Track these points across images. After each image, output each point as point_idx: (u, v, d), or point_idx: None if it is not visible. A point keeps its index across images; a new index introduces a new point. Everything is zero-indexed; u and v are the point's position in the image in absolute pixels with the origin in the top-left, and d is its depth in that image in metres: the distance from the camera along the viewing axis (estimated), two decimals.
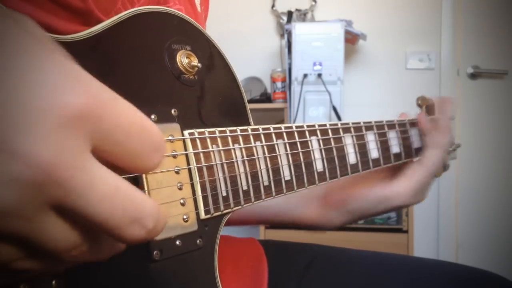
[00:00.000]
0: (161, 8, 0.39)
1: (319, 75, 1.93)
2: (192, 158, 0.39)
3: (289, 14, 2.34)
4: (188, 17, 0.41)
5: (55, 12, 0.37)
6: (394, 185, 0.61)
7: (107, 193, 0.22)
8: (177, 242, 0.38)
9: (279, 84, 2.19)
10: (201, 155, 0.40)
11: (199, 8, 0.56)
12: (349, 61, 2.31)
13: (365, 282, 0.62)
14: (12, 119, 0.19)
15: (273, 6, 2.41)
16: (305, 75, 1.94)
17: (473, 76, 2.36)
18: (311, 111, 1.95)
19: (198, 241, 0.40)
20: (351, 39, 2.12)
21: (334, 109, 1.93)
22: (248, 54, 2.37)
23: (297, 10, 2.35)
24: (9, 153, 0.19)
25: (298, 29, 1.96)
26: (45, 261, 0.23)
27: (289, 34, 2.01)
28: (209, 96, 0.43)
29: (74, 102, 0.20)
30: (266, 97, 2.26)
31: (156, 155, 0.24)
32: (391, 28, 2.34)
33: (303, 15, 2.34)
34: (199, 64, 0.41)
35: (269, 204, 0.69)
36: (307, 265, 0.65)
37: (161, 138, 0.25)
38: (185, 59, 0.40)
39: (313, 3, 2.38)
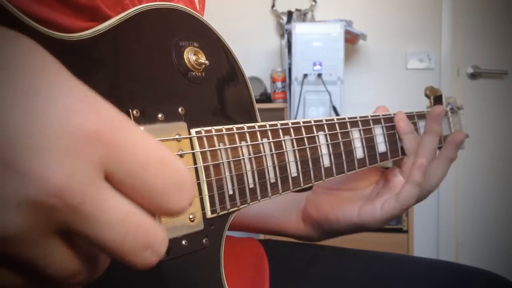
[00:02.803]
0: (169, 4, 0.39)
1: (319, 75, 1.93)
2: (199, 157, 0.39)
3: (289, 14, 2.34)
4: (197, 14, 0.41)
5: (61, 9, 0.37)
6: (364, 213, 0.60)
7: (118, 218, 0.21)
8: (183, 242, 0.38)
9: (279, 84, 2.18)
10: (208, 153, 0.40)
11: (197, 6, 0.56)
12: (349, 61, 2.31)
13: (365, 282, 0.62)
14: (25, 142, 0.19)
15: (273, 6, 2.41)
16: (305, 75, 1.94)
17: (473, 76, 2.36)
18: (311, 111, 1.95)
19: (204, 241, 0.40)
20: (351, 39, 2.12)
21: (334, 109, 1.92)
22: (248, 54, 2.37)
23: (297, 10, 2.35)
24: (21, 175, 0.19)
25: (298, 29, 1.96)
26: (42, 286, 0.23)
27: (289, 34, 2.01)
28: (217, 93, 0.43)
29: (86, 127, 0.21)
30: (266, 97, 2.26)
31: (181, 195, 0.23)
32: (391, 28, 2.34)
33: (303, 15, 2.34)
34: (206, 61, 0.41)
35: (251, 212, 0.69)
36: (307, 264, 0.65)
37: (186, 174, 0.24)
38: (192, 56, 0.40)
39: (313, 3, 2.37)
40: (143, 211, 0.23)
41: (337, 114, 1.91)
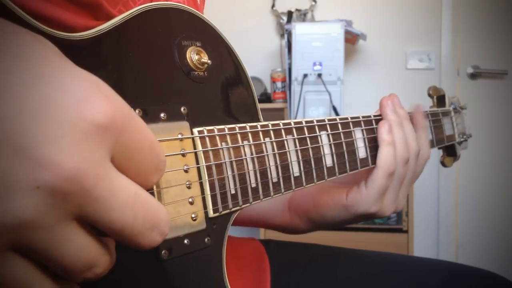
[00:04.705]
0: (171, 3, 0.39)
1: (319, 75, 1.93)
2: (201, 157, 0.39)
3: (289, 14, 2.34)
4: (199, 13, 0.41)
5: (64, 6, 0.37)
6: (352, 192, 0.57)
7: (128, 200, 0.22)
8: (185, 241, 0.38)
9: (279, 84, 2.18)
10: (210, 153, 0.40)
11: (198, 0, 0.56)
12: (349, 61, 2.31)
13: (365, 282, 0.62)
14: (39, 129, 0.20)
15: (273, 6, 2.41)
16: (305, 75, 1.94)
17: (473, 76, 2.36)
18: (311, 111, 1.95)
19: (206, 240, 0.40)
20: (351, 39, 2.12)
21: (334, 109, 1.92)
22: (248, 54, 2.37)
23: (297, 10, 2.35)
24: (35, 161, 0.19)
25: (298, 29, 1.96)
26: (56, 282, 0.23)
27: (289, 34, 2.01)
28: (219, 92, 0.43)
29: (100, 113, 0.21)
30: (266, 97, 2.26)
31: (155, 175, 0.26)
32: (391, 28, 2.34)
33: (303, 15, 2.34)
34: (209, 61, 0.41)
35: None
36: (308, 264, 0.65)
37: (164, 158, 0.26)
38: (195, 56, 0.40)
39: (313, 3, 2.38)
40: (147, 192, 0.24)
41: (337, 114, 1.91)
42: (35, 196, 0.20)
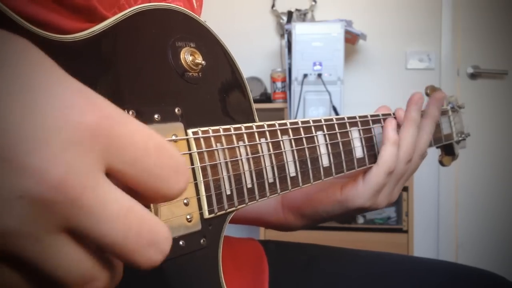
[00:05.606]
0: (165, 5, 0.39)
1: (319, 75, 1.93)
2: (196, 158, 0.39)
3: (289, 14, 2.34)
4: (193, 14, 0.41)
5: (58, 10, 0.37)
6: (347, 188, 0.57)
7: (119, 213, 0.21)
8: (181, 243, 0.38)
9: (279, 84, 2.19)
10: (205, 154, 0.40)
11: (195, 4, 0.56)
12: (349, 61, 2.31)
13: (365, 282, 0.62)
14: (23, 136, 0.19)
15: (273, 6, 2.41)
16: (305, 75, 1.94)
17: (473, 76, 2.36)
18: (311, 111, 1.95)
19: (201, 241, 0.40)
20: (351, 39, 2.12)
21: (334, 109, 1.92)
22: (248, 54, 2.37)
23: (297, 10, 2.35)
24: (19, 169, 0.19)
25: (298, 29, 1.96)
26: None
27: (289, 34, 2.01)
28: (214, 93, 0.43)
29: (85, 121, 0.21)
30: (266, 97, 2.26)
31: (179, 178, 0.24)
32: (391, 28, 2.34)
33: (303, 15, 2.34)
34: (203, 62, 0.40)
35: None
36: (307, 265, 0.65)
37: (181, 158, 0.24)
38: (189, 57, 0.40)
39: (313, 3, 2.37)
40: (145, 208, 0.23)
41: (337, 114, 1.91)
42: (19, 204, 0.19)
